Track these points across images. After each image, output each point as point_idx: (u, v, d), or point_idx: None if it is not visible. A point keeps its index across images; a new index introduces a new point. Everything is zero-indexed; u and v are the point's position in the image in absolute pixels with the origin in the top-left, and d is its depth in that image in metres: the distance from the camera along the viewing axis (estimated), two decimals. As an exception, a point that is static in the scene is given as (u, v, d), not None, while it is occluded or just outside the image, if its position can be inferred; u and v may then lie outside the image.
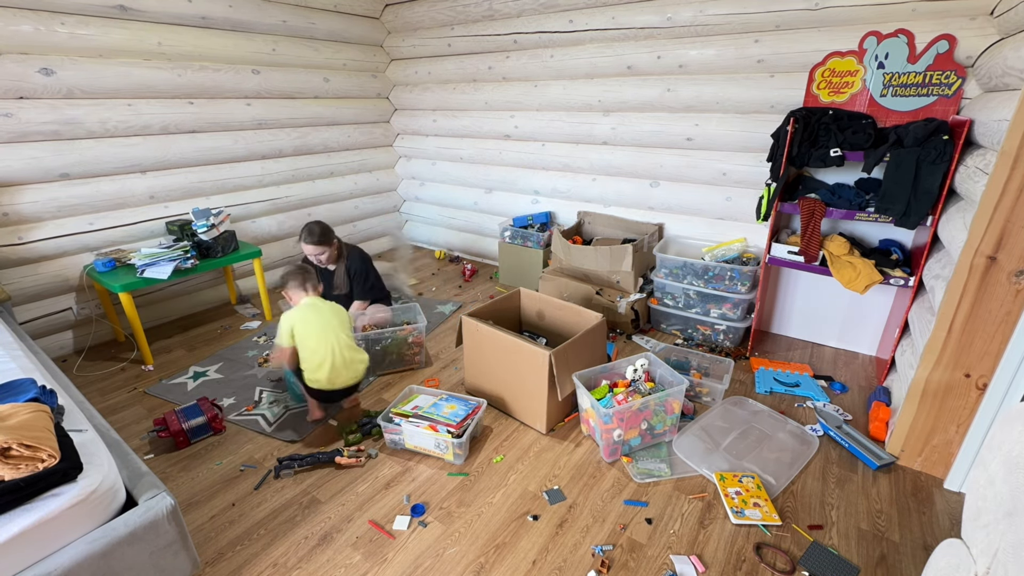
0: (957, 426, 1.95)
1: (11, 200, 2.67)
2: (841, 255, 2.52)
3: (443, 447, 2.11)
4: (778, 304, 3.18)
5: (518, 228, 3.89)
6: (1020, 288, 1.71)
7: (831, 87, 2.65)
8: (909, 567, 1.66)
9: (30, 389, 1.59)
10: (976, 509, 1.01)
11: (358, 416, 2.44)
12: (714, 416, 2.37)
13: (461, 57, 4.02)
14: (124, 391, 2.65)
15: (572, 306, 2.57)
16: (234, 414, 2.44)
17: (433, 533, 1.80)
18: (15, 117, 2.60)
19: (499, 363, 2.37)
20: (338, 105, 4.14)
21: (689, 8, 2.91)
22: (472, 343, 2.46)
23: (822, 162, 2.44)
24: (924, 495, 1.95)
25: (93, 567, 1.27)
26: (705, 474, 2.04)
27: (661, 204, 3.47)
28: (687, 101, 3.13)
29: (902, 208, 2.26)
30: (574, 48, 3.44)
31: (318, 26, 3.80)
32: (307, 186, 4.10)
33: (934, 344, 1.90)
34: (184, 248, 2.94)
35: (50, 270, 2.85)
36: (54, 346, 2.96)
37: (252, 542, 1.78)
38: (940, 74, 2.37)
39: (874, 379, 2.72)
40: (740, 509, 1.85)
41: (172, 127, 3.19)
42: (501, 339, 2.30)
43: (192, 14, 3.11)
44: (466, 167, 4.41)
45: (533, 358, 2.19)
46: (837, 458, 2.14)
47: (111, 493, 1.35)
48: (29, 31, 2.56)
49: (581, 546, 1.75)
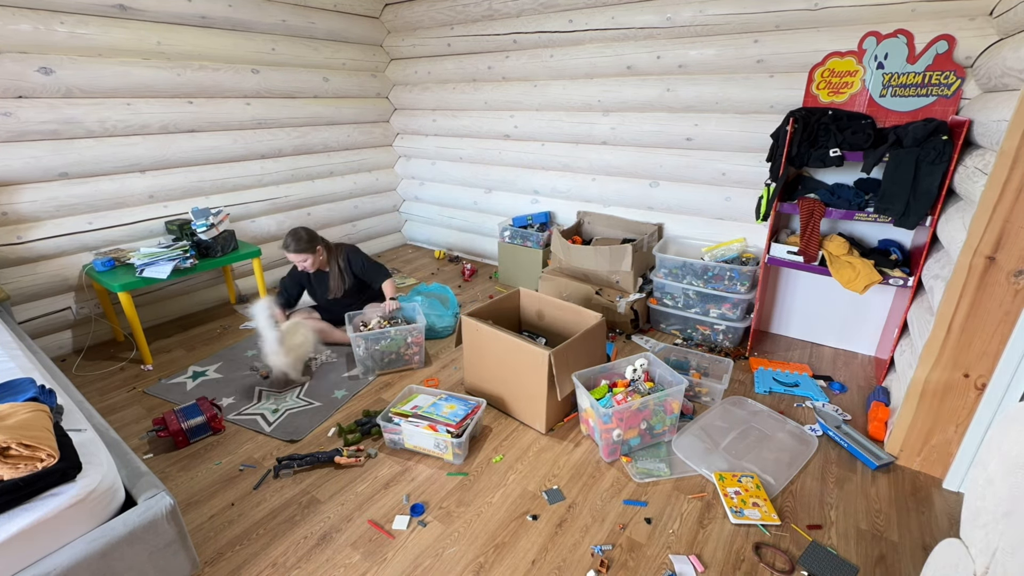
0: (956, 426, 1.96)
1: (10, 199, 2.67)
2: (840, 255, 2.52)
3: (443, 447, 2.11)
4: (777, 304, 3.18)
5: (518, 228, 3.89)
6: (1019, 288, 1.71)
7: (830, 87, 2.65)
8: (908, 567, 1.67)
9: (29, 389, 1.59)
10: (975, 509, 1.02)
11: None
12: (713, 416, 2.37)
13: (461, 57, 4.02)
14: (123, 391, 2.64)
15: (571, 306, 2.57)
16: (233, 413, 2.44)
17: (433, 533, 1.80)
18: (14, 116, 2.60)
19: (499, 363, 2.37)
20: (338, 105, 4.14)
21: (689, 8, 2.91)
22: (472, 343, 2.46)
23: (821, 162, 2.44)
24: (923, 495, 1.96)
25: (92, 567, 1.27)
26: (704, 474, 2.04)
27: (661, 204, 3.47)
28: (687, 101, 3.13)
29: (901, 208, 2.27)
30: (574, 48, 3.44)
31: (318, 26, 3.80)
32: (306, 186, 4.09)
33: (933, 344, 1.90)
34: (183, 248, 2.94)
35: (49, 269, 2.84)
36: (53, 345, 2.96)
37: (251, 542, 1.78)
38: (939, 74, 2.38)
39: (873, 379, 2.72)
40: (739, 509, 1.85)
41: (171, 126, 3.19)
42: (501, 339, 2.30)
43: (191, 13, 3.11)
44: (466, 167, 4.41)
45: (533, 358, 2.19)
46: (836, 458, 2.14)
47: (110, 493, 1.35)
48: (28, 30, 2.56)
49: (580, 546, 1.75)
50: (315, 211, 4.21)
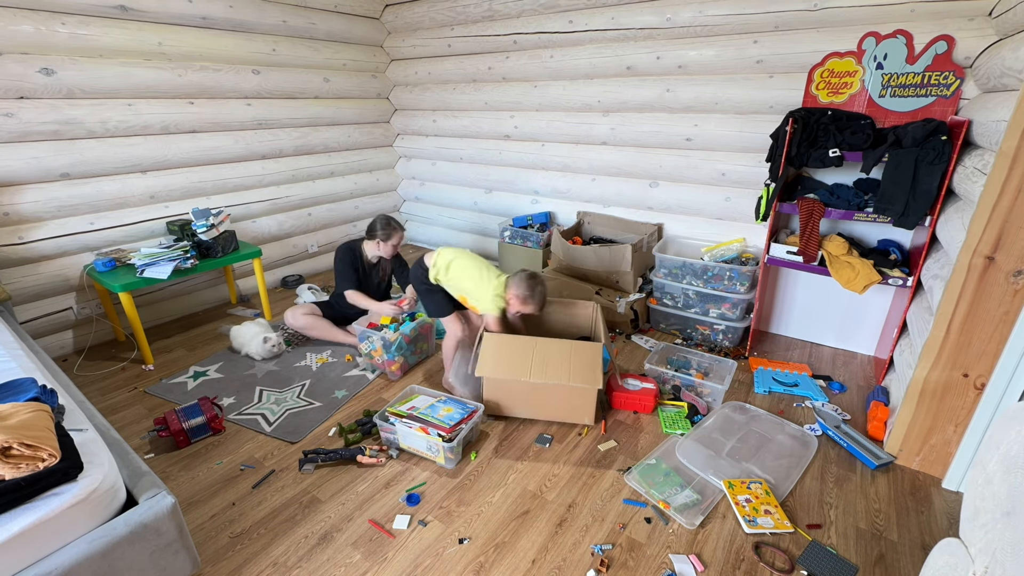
0: (955, 425, 1.96)
1: (11, 200, 2.68)
2: (840, 255, 2.53)
3: (434, 450, 2.10)
4: (777, 304, 3.19)
5: (518, 228, 3.89)
6: (1018, 288, 1.72)
7: (830, 87, 2.65)
8: (907, 566, 1.67)
9: (31, 388, 1.59)
10: (974, 508, 1.02)
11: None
12: (714, 420, 2.37)
13: (461, 57, 4.02)
14: (124, 391, 2.65)
15: (559, 300, 2.63)
16: (234, 413, 2.45)
17: (433, 532, 1.81)
18: (16, 117, 2.61)
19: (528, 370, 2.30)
20: (338, 105, 4.14)
21: (688, 9, 2.91)
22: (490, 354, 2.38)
23: (821, 162, 2.44)
24: (922, 494, 1.96)
25: (93, 566, 1.27)
26: (712, 481, 2.00)
27: (660, 204, 3.48)
28: (686, 102, 3.14)
29: (900, 208, 2.27)
30: (574, 49, 3.44)
31: (318, 26, 3.80)
32: (307, 186, 4.10)
33: (932, 344, 1.90)
34: (184, 248, 2.95)
35: (50, 270, 2.85)
36: (54, 346, 2.97)
37: (252, 541, 1.78)
38: (939, 75, 2.38)
39: (872, 379, 2.72)
40: (752, 518, 1.82)
41: (172, 127, 3.20)
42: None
43: (192, 14, 3.12)
44: (466, 167, 4.41)
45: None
46: (836, 457, 2.14)
47: (111, 492, 1.35)
48: (30, 31, 2.57)
49: (580, 545, 1.75)
50: (316, 211, 4.22)
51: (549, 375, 2.22)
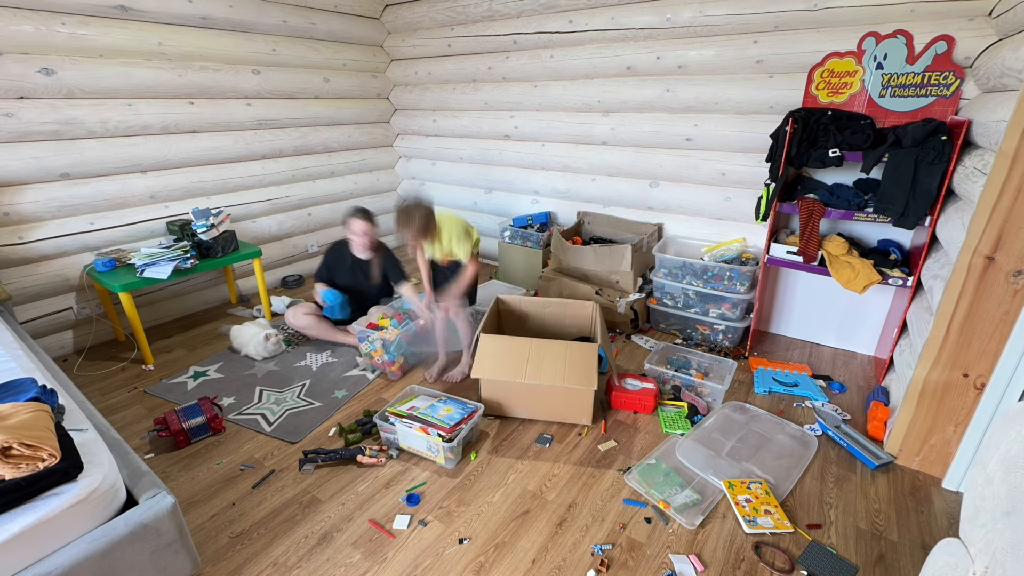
0: (955, 425, 1.96)
1: (12, 200, 2.68)
2: (840, 255, 2.53)
3: (434, 450, 2.10)
4: (777, 304, 3.19)
5: (518, 228, 3.89)
6: (1018, 288, 1.72)
7: (830, 87, 2.65)
8: (907, 566, 1.67)
9: (31, 388, 1.59)
10: (974, 508, 1.02)
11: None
12: (714, 420, 2.37)
13: (461, 57, 4.02)
14: (124, 391, 2.65)
15: (558, 300, 2.62)
16: (234, 413, 2.45)
17: (433, 532, 1.81)
18: (16, 117, 2.61)
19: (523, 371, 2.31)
20: (338, 105, 4.15)
21: (688, 9, 2.91)
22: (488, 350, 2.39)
23: (821, 162, 2.44)
24: (922, 494, 1.96)
25: (93, 566, 1.27)
26: (712, 481, 2.00)
27: (660, 204, 3.48)
28: (686, 102, 3.14)
29: (900, 208, 2.27)
30: (574, 49, 3.44)
31: (318, 26, 3.80)
32: (307, 186, 4.10)
33: (932, 344, 1.91)
34: (184, 248, 2.95)
35: (50, 270, 2.85)
36: (54, 346, 2.97)
37: (252, 541, 1.78)
38: (939, 75, 2.38)
39: (872, 379, 2.72)
40: (752, 518, 1.82)
41: (172, 127, 3.20)
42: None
43: (192, 14, 3.12)
44: (466, 167, 4.41)
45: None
46: (836, 457, 2.14)
47: (111, 492, 1.35)
48: (30, 31, 2.57)
49: (580, 545, 1.75)
50: (316, 211, 4.22)
51: (545, 376, 2.22)
